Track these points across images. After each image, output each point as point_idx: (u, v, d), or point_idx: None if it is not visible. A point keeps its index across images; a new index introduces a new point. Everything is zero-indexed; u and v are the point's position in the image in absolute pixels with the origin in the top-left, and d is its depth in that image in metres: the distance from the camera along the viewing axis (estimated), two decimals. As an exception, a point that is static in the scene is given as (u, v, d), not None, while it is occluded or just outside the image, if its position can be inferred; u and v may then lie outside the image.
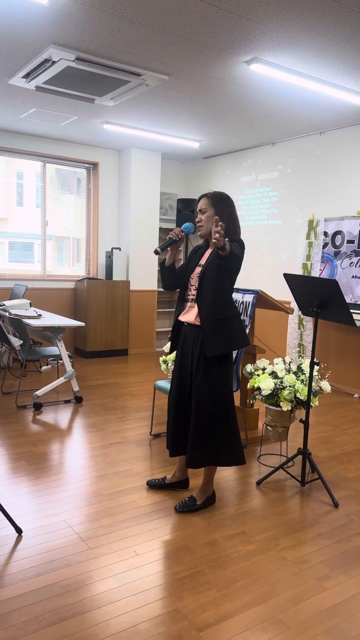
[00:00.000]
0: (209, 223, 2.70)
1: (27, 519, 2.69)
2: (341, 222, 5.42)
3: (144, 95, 4.78)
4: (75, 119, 5.71)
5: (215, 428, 2.70)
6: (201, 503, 2.86)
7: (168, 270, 2.84)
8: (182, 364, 2.82)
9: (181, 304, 2.83)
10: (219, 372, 2.69)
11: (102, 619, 1.96)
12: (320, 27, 3.29)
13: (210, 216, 2.69)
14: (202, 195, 2.75)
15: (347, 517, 2.84)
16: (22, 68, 4.22)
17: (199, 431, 2.68)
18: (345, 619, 2.02)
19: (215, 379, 2.68)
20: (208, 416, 2.68)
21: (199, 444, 2.69)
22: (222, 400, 2.69)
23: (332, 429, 4.34)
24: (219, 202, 2.70)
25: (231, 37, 3.49)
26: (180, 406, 2.81)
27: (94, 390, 5.29)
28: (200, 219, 2.73)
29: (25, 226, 6.88)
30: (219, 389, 2.69)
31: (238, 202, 6.98)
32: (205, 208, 2.71)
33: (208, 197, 2.71)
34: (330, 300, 2.96)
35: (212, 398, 2.68)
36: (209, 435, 2.69)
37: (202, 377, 2.67)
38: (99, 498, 2.95)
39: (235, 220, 2.73)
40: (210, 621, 1.98)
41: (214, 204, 2.69)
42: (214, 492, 2.93)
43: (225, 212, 2.69)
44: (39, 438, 3.87)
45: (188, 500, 2.87)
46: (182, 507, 2.83)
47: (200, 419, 2.67)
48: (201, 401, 2.67)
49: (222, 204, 2.70)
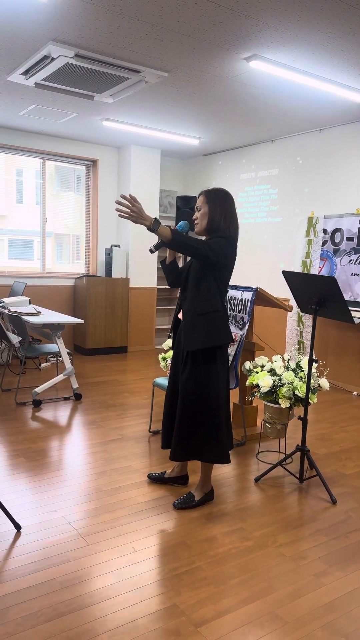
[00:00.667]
0: (203, 220, 2.70)
1: (26, 515, 2.70)
2: (340, 220, 5.42)
3: (144, 92, 4.78)
4: (75, 116, 5.70)
5: (198, 424, 2.70)
6: (199, 499, 2.87)
7: (169, 268, 2.86)
8: (176, 360, 2.85)
9: (181, 301, 2.85)
10: (205, 368, 2.67)
11: (100, 615, 1.97)
12: (320, 24, 3.29)
13: (204, 213, 2.70)
14: (201, 192, 2.76)
15: (344, 514, 2.85)
16: (21, 65, 4.21)
17: (181, 426, 2.70)
18: (342, 615, 2.03)
19: (200, 375, 2.67)
20: (191, 411, 2.68)
21: (182, 438, 2.71)
22: (206, 396, 2.68)
23: (331, 426, 4.35)
24: (214, 198, 2.70)
25: (230, 34, 3.48)
26: (172, 401, 2.85)
27: (93, 388, 5.29)
28: (197, 217, 2.73)
29: (25, 223, 6.88)
30: (203, 384, 2.67)
31: (238, 200, 6.98)
32: (201, 205, 2.72)
33: (204, 194, 2.72)
34: (329, 298, 2.96)
35: (196, 394, 2.67)
36: (193, 430, 2.70)
37: (187, 374, 2.69)
38: (98, 494, 2.96)
39: (228, 217, 2.70)
40: (208, 617, 1.99)
41: (209, 201, 2.70)
42: (212, 489, 2.94)
43: (219, 208, 2.68)
44: (38, 435, 3.87)
45: (186, 496, 2.88)
46: (180, 503, 2.85)
47: (184, 413, 2.69)
48: (185, 396, 2.68)
49: (217, 200, 2.69)
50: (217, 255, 2.58)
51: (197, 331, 2.64)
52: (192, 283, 2.69)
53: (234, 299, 3.93)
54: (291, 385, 3.33)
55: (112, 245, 7.20)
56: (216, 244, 2.58)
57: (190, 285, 2.69)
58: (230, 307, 3.95)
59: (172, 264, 2.85)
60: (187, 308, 2.69)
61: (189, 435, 2.71)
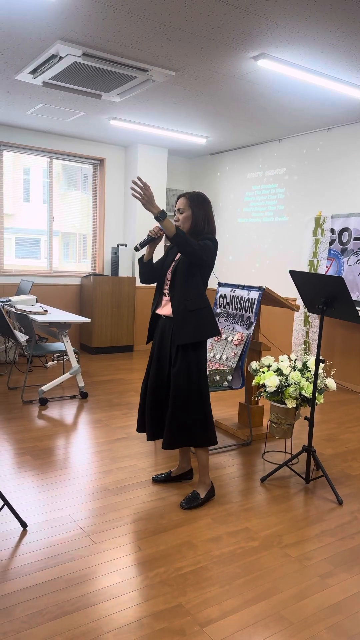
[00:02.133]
0: (186, 223, 2.82)
1: (32, 513, 2.71)
2: (348, 219, 5.39)
3: (151, 91, 4.77)
4: (82, 115, 5.71)
5: (191, 411, 2.82)
6: (205, 496, 2.91)
7: (146, 266, 2.96)
8: (160, 355, 2.94)
9: (158, 297, 2.97)
10: (195, 360, 2.82)
11: (106, 614, 1.98)
12: (328, 23, 3.27)
13: (187, 216, 2.82)
14: (181, 195, 2.87)
15: (351, 515, 2.83)
16: (29, 64, 4.22)
17: (176, 414, 2.80)
18: (347, 616, 2.02)
19: (191, 367, 2.81)
20: (185, 400, 2.80)
21: (175, 427, 2.81)
22: (197, 385, 2.83)
23: (337, 427, 4.33)
24: (197, 203, 2.82)
25: (238, 33, 3.47)
26: (158, 393, 2.93)
27: (99, 386, 5.30)
28: (178, 219, 2.85)
29: (32, 222, 6.89)
30: (194, 375, 2.82)
31: (244, 199, 6.96)
32: (183, 208, 2.82)
33: (186, 197, 2.83)
34: (337, 298, 2.95)
35: (188, 384, 2.81)
36: (186, 418, 2.81)
37: (180, 366, 2.80)
38: (104, 493, 2.96)
39: (210, 221, 2.87)
40: (213, 617, 1.98)
41: (192, 204, 2.82)
42: (212, 484, 2.98)
43: (202, 213, 2.83)
44: (44, 433, 3.89)
45: (191, 495, 2.89)
46: (187, 502, 2.86)
47: (178, 403, 2.80)
48: (178, 387, 2.80)
49: (200, 205, 2.83)
50: (208, 256, 2.74)
51: (188, 326, 2.77)
52: (180, 281, 2.79)
53: (240, 299, 3.92)
54: (298, 386, 3.32)
55: (119, 244, 7.20)
56: (207, 246, 2.73)
57: (179, 283, 2.80)
58: (237, 306, 3.94)
59: (150, 261, 2.96)
60: (176, 305, 2.79)
61: (182, 423, 2.82)
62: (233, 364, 3.75)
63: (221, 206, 7.37)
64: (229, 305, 4.03)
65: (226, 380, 3.72)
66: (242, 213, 7.02)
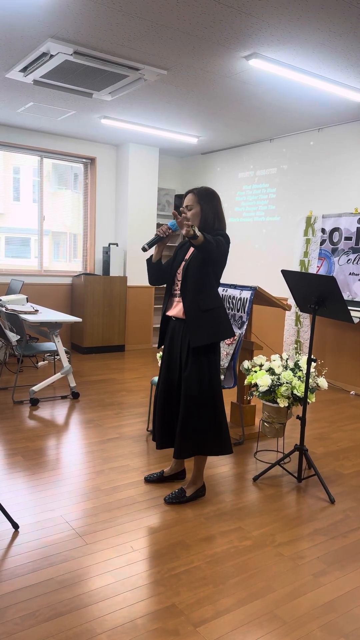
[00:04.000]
0: (196, 220, 2.71)
1: (23, 514, 2.69)
2: (339, 219, 5.42)
3: (142, 90, 4.76)
4: (73, 114, 5.68)
5: (203, 418, 2.72)
6: (191, 495, 2.89)
7: (155, 267, 2.86)
8: (170, 358, 2.84)
9: (168, 298, 2.85)
10: (207, 364, 2.71)
11: (99, 614, 1.97)
12: (320, 23, 3.28)
13: (196, 213, 2.71)
14: (189, 191, 2.76)
15: (343, 513, 2.84)
16: (19, 62, 4.19)
17: (187, 422, 2.70)
18: (341, 615, 2.03)
19: (203, 371, 2.70)
20: (196, 407, 2.70)
21: (187, 435, 2.71)
22: (209, 391, 2.72)
23: (329, 426, 4.35)
24: (206, 198, 2.71)
25: (230, 32, 3.47)
26: (168, 399, 2.83)
27: (90, 386, 5.28)
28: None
29: (22, 221, 6.85)
30: (206, 380, 2.71)
31: (235, 199, 6.97)
32: (192, 205, 2.72)
33: (194, 193, 2.72)
34: (328, 297, 2.96)
35: (200, 390, 2.70)
36: (197, 425, 2.71)
37: (191, 369, 2.70)
38: (96, 493, 2.95)
39: (220, 217, 2.75)
40: (207, 616, 1.98)
41: (201, 200, 2.71)
42: (204, 485, 2.96)
43: (212, 208, 2.71)
44: (35, 434, 3.86)
45: (178, 492, 2.89)
46: (171, 498, 2.86)
47: (189, 410, 2.69)
48: (189, 393, 2.69)
49: (209, 200, 2.71)
50: (221, 255, 2.62)
51: (203, 327, 2.65)
52: (193, 280, 2.68)
53: (232, 298, 3.92)
54: (290, 385, 3.32)
55: (110, 243, 7.18)
56: (220, 243, 2.60)
57: (191, 282, 2.68)
58: (229, 306, 3.94)
59: (159, 262, 2.85)
60: (188, 305, 2.67)
61: (193, 431, 2.71)
62: (225, 363, 3.75)
63: (212, 206, 7.36)
64: (221, 304, 4.02)
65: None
66: (233, 213, 7.02)
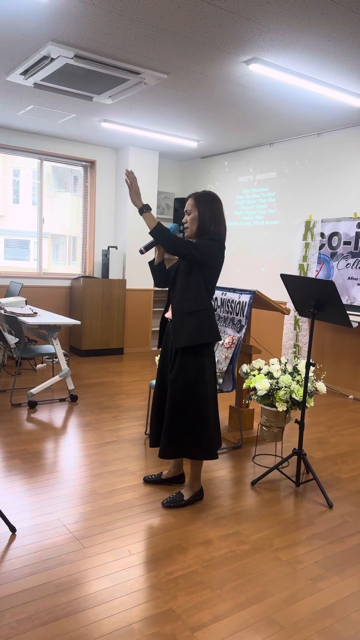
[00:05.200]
0: (193, 224, 2.73)
1: (21, 517, 2.68)
2: (338, 224, 5.43)
3: (143, 94, 4.77)
4: (73, 117, 5.69)
5: (187, 421, 2.72)
6: (188, 499, 2.89)
7: (157, 269, 2.89)
8: (164, 359, 2.89)
9: (168, 301, 2.89)
10: (192, 366, 2.71)
11: (96, 619, 1.96)
12: (320, 28, 3.29)
13: (194, 218, 2.72)
14: (189, 195, 2.78)
15: (341, 518, 2.84)
16: (20, 65, 4.20)
17: (171, 423, 2.72)
18: (339, 620, 2.02)
19: (188, 373, 2.70)
20: (180, 409, 2.71)
21: (170, 437, 2.73)
22: (195, 394, 2.71)
23: (327, 430, 4.34)
24: (203, 202, 2.72)
25: (230, 37, 3.48)
26: (161, 399, 2.88)
27: (89, 389, 5.27)
28: (186, 220, 2.76)
29: (21, 224, 6.85)
30: (192, 383, 2.71)
31: (235, 202, 6.98)
32: (190, 209, 2.74)
33: (193, 198, 2.74)
34: (327, 301, 2.96)
35: (185, 392, 2.70)
36: (181, 428, 2.72)
37: (176, 371, 2.72)
38: (94, 497, 2.94)
39: (218, 220, 2.73)
40: (204, 621, 1.97)
41: (198, 204, 2.72)
42: (201, 489, 2.96)
43: (209, 212, 2.71)
44: (33, 436, 3.85)
45: (175, 495, 2.89)
46: (169, 502, 2.86)
47: (173, 411, 2.71)
48: (174, 394, 2.71)
49: (206, 204, 2.72)
50: (205, 256, 2.62)
51: (186, 329, 2.68)
52: (180, 282, 2.73)
53: (231, 302, 3.92)
54: (288, 389, 3.32)
55: (109, 246, 7.18)
56: (205, 245, 2.63)
57: (179, 284, 2.74)
58: (228, 309, 3.95)
59: (161, 264, 2.88)
60: (175, 307, 2.73)
61: (178, 433, 2.73)
62: (224, 367, 3.75)
63: (212, 209, 7.37)
64: (220, 308, 4.03)
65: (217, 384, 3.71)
66: (233, 217, 7.03)
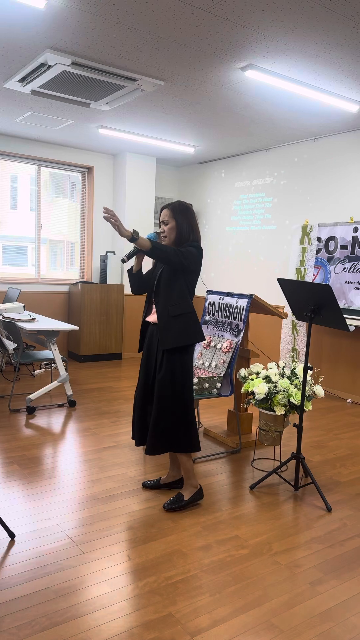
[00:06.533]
0: (172, 233, 2.86)
1: (20, 523, 2.68)
2: (334, 228, 5.45)
3: (140, 100, 4.80)
4: (71, 123, 5.72)
5: (174, 418, 2.84)
6: (189, 498, 2.91)
7: (135, 277, 3.00)
8: (147, 361, 2.98)
9: (148, 306, 3.01)
10: (179, 366, 2.85)
11: (95, 624, 1.96)
12: (315, 35, 3.33)
13: (172, 227, 2.86)
14: (163, 206, 2.90)
15: (340, 522, 2.84)
16: (18, 72, 4.22)
17: (159, 420, 2.83)
18: (338, 624, 2.02)
19: (175, 372, 2.84)
20: (168, 407, 2.83)
21: (158, 433, 2.84)
22: (181, 392, 2.85)
23: (325, 434, 4.35)
24: (180, 212, 2.86)
25: (226, 44, 3.51)
26: (145, 400, 2.96)
27: (87, 394, 5.27)
28: (164, 230, 2.88)
29: (19, 229, 6.87)
30: (178, 382, 2.85)
31: (232, 208, 7.01)
32: (168, 220, 2.86)
33: (169, 209, 2.87)
34: (324, 305, 2.97)
35: (172, 390, 2.84)
36: (168, 424, 2.84)
37: (164, 372, 2.83)
38: (93, 502, 2.94)
39: (195, 228, 2.90)
40: (203, 626, 1.97)
41: (175, 215, 2.85)
42: (200, 487, 2.98)
43: (186, 221, 2.87)
44: (32, 442, 3.85)
45: (175, 497, 2.91)
46: (170, 504, 2.88)
47: (161, 409, 2.83)
48: (162, 394, 2.83)
49: (183, 214, 2.86)
50: (189, 262, 2.77)
51: (172, 331, 2.81)
52: (164, 287, 2.84)
53: (229, 306, 3.94)
54: (286, 393, 3.33)
55: (107, 252, 7.20)
56: (189, 252, 2.77)
57: (163, 289, 2.84)
58: (226, 314, 3.96)
59: (139, 273, 3.00)
60: (160, 311, 2.83)
61: (164, 429, 2.84)
62: (222, 371, 3.76)
63: (209, 215, 7.41)
64: (218, 312, 4.04)
65: (215, 388, 3.72)
66: (230, 221, 7.06)
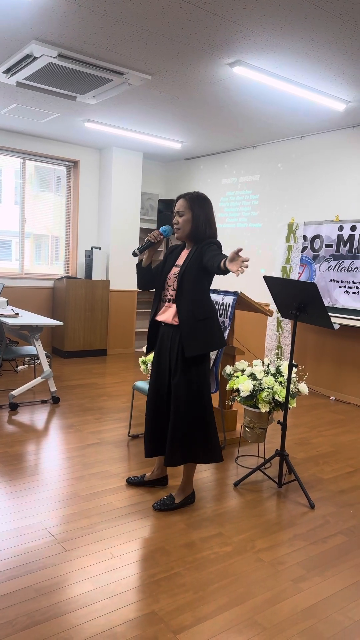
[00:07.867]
0: (187, 226, 2.68)
1: (1, 520, 2.65)
2: (320, 227, 5.48)
3: (127, 94, 4.76)
4: (57, 116, 5.65)
5: (193, 427, 2.71)
6: (179, 502, 2.87)
7: (144, 271, 2.85)
8: (159, 365, 2.82)
9: (157, 303, 2.82)
10: (197, 372, 2.71)
11: (77, 622, 1.94)
12: (303, 32, 3.32)
13: (187, 220, 2.67)
14: (180, 196, 2.72)
15: (322, 519, 2.86)
16: (2, 63, 4.16)
17: (177, 430, 2.69)
18: (320, 620, 2.03)
19: (193, 379, 2.70)
20: (186, 415, 2.69)
21: (177, 443, 2.69)
22: (199, 399, 2.72)
23: (309, 431, 4.37)
24: (198, 204, 2.68)
25: (214, 39, 3.49)
26: (158, 407, 2.81)
27: (71, 391, 5.24)
28: (178, 221, 2.70)
29: (3, 223, 6.78)
30: (196, 388, 2.70)
31: (219, 205, 7.00)
32: (183, 211, 2.68)
33: (186, 199, 2.68)
34: (309, 303, 2.98)
35: (189, 397, 2.69)
36: (187, 433, 2.71)
37: (180, 377, 2.68)
38: (76, 500, 2.92)
39: (212, 223, 2.72)
40: (187, 623, 1.97)
41: (192, 206, 2.67)
42: (193, 492, 2.94)
43: (203, 214, 2.68)
44: (14, 439, 3.81)
45: (166, 499, 2.87)
46: (159, 505, 2.84)
47: (179, 418, 2.68)
48: (179, 400, 2.68)
49: (201, 206, 2.68)
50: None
51: (198, 337, 2.64)
52: (188, 288, 2.65)
53: (215, 303, 3.93)
54: (271, 390, 3.34)
55: (93, 247, 7.15)
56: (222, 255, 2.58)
57: (186, 290, 2.65)
58: (211, 311, 3.95)
59: (149, 267, 2.84)
60: (185, 314, 2.65)
61: (184, 439, 2.70)
62: (207, 368, 3.75)
63: (195, 211, 7.38)
64: (203, 309, 4.03)
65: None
66: (216, 218, 7.03)
